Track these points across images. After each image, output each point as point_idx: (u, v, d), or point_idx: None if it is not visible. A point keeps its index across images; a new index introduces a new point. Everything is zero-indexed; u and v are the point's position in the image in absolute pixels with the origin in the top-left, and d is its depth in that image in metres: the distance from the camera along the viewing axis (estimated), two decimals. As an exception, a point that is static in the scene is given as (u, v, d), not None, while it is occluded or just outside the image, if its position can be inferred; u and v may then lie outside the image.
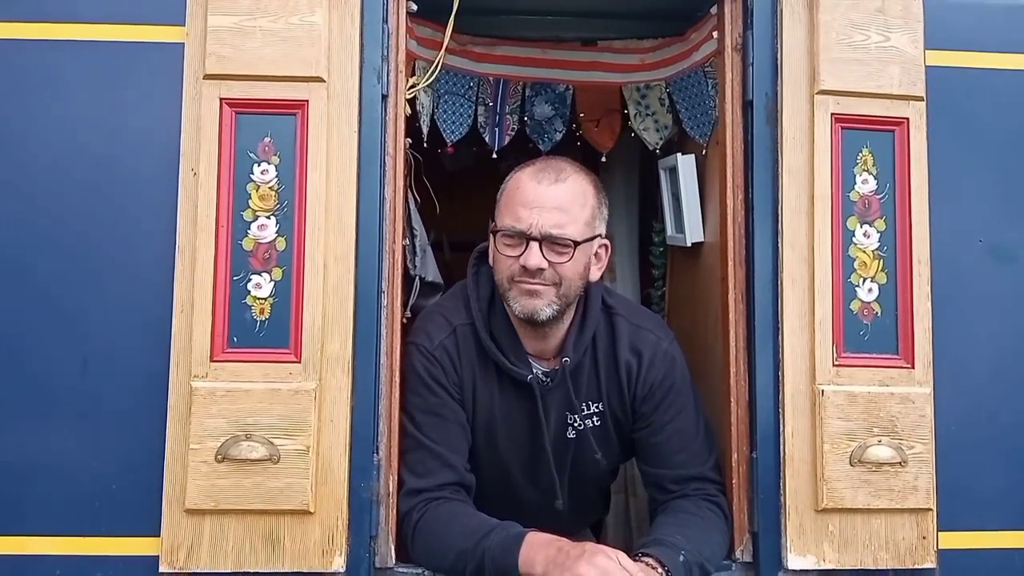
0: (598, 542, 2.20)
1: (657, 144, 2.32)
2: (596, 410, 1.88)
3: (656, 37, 2.29)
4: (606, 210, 1.80)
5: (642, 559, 1.60)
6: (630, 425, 1.89)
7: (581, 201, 1.73)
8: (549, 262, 1.69)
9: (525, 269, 1.69)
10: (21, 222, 1.72)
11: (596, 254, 1.79)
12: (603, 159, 2.32)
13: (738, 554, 1.78)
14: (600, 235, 1.78)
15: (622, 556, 1.53)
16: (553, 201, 1.69)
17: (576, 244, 1.69)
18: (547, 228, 1.68)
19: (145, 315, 1.69)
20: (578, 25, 2.34)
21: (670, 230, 2.34)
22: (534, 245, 1.68)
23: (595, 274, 1.80)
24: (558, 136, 2.38)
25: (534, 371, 1.82)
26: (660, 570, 1.59)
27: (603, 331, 1.86)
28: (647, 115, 2.31)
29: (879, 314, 1.76)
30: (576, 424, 1.87)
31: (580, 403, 1.86)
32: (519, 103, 2.36)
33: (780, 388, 1.75)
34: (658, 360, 1.85)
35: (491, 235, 1.78)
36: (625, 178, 2.76)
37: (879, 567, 1.73)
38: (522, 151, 2.53)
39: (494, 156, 2.34)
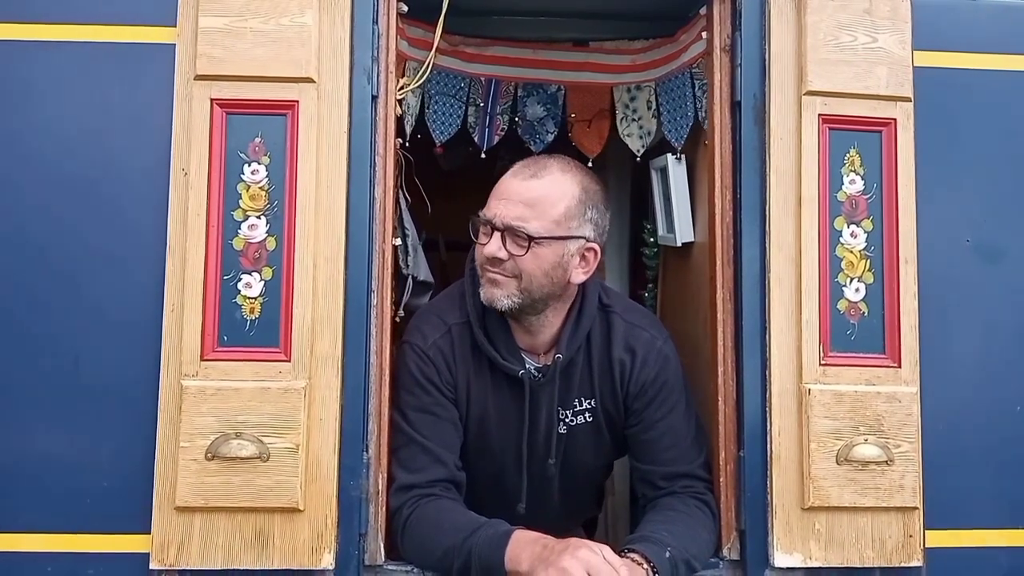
0: (592, 540, 2.21)
1: (639, 151, 2.33)
2: (588, 406, 1.90)
3: (647, 38, 2.30)
4: (595, 214, 1.78)
5: (628, 555, 1.61)
6: (622, 422, 1.91)
7: (555, 199, 1.73)
8: (510, 254, 1.71)
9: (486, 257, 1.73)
10: (12, 222, 1.73)
11: (584, 257, 1.78)
12: (589, 164, 2.32)
13: (725, 552, 1.78)
14: (583, 237, 1.76)
15: (606, 550, 1.54)
16: (520, 195, 1.72)
17: (531, 239, 1.70)
18: (508, 219, 1.71)
19: (136, 314, 1.70)
20: (570, 26, 2.35)
21: (661, 230, 2.35)
22: (496, 235, 1.72)
23: (577, 277, 1.79)
24: (550, 137, 2.39)
25: (526, 366, 1.84)
26: (646, 566, 1.59)
27: (598, 329, 1.88)
28: (632, 120, 2.32)
29: (866, 314, 1.77)
30: (567, 420, 1.89)
31: (572, 399, 1.88)
32: (510, 103, 2.37)
33: (767, 387, 1.76)
34: (652, 358, 1.87)
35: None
36: (617, 178, 2.77)
37: (865, 565, 1.73)
38: (518, 151, 2.54)
39: (483, 156, 2.35)
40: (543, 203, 1.72)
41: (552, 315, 1.83)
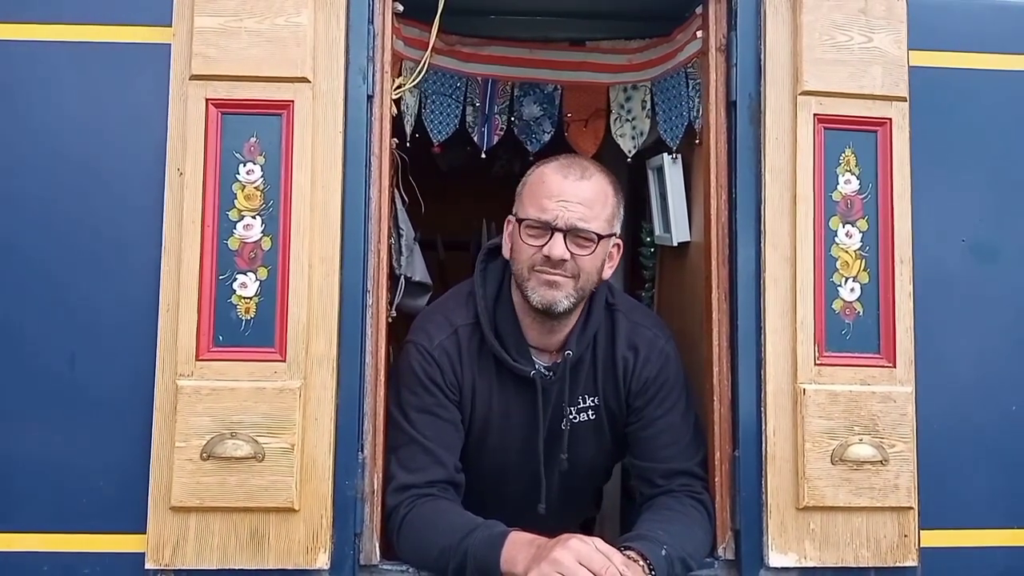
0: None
1: (631, 151, 2.33)
2: (592, 404, 1.91)
3: (644, 38, 2.30)
4: (622, 210, 1.85)
5: (625, 553, 1.61)
6: (624, 419, 1.92)
7: (603, 199, 1.78)
8: (572, 253, 1.73)
9: (547, 259, 1.72)
10: (8, 221, 1.73)
11: (609, 253, 1.83)
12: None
13: (720, 551, 1.78)
14: (616, 234, 1.82)
15: (598, 541, 1.54)
16: (578, 196, 1.74)
17: (599, 238, 1.74)
18: (573, 220, 1.72)
19: (132, 313, 1.70)
20: (567, 25, 2.35)
21: (658, 230, 2.35)
22: (558, 236, 1.72)
23: (607, 272, 1.84)
24: (546, 137, 2.39)
25: (536, 366, 1.85)
26: (642, 563, 1.59)
27: (603, 327, 1.90)
28: (626, 120, 2.32)
29: (861, 313, 1.77)
30: (571, 416, 1.90)
31: (577, 396, 1.89)
32: (507, 103, 2.37)
33: (762, 387, 1.76)
34: (654, 356, 1.89)
35: (509, 225, 1.82)
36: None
37: (860, 565, 1.73)
38: (516, 152, 2.55)
39: (483, 156, 2.35)
40: (597, 203, 1.76)
41: (576, 313, 1.85)
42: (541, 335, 1.86)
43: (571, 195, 1.74)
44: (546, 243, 1.73)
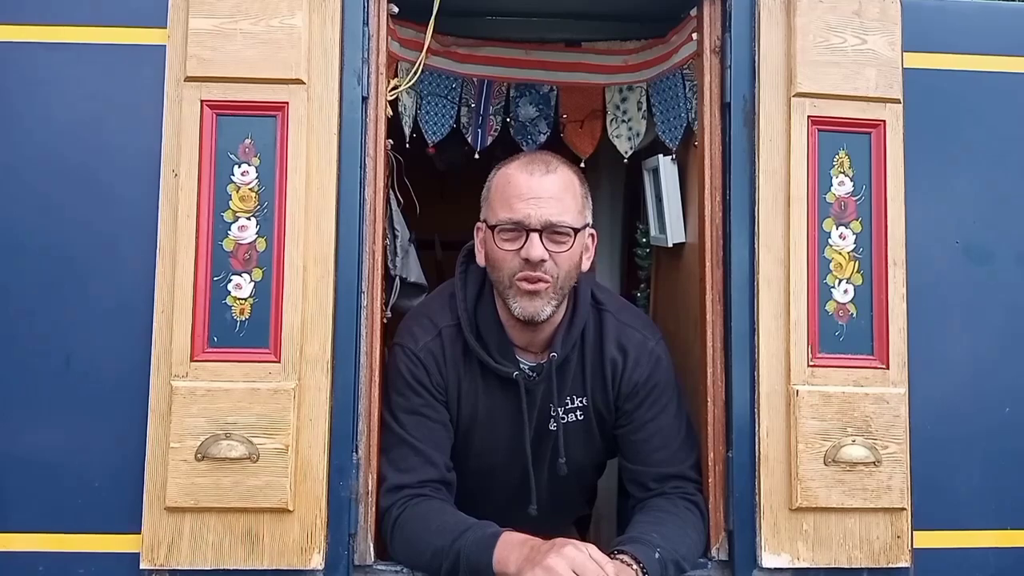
0: (583, 539, 2.22)
1: (627, 152, 2.33)
2: (580, 404, 1.90)
3: (639, 39, 2.30)
4: (590, 201, 1.83)
5: (618, 556, 1.62)
6: (613, 421, 1.92)
7: (572, 191, 1.76)
8: (550, 252, 1.70)
9: (527, 262, 1.70)
10: (2, 222, 1.73)
11: (585, 244, 1.81)
12: (582, 164, 2.32)
13: (714, 552, 1.79)
14: (589, 224, 1.81)
15: (592, 548, 1.54)
16: (548, 192, 1.71)
17: (576, 231, 1.72)
18: (547, 217, 1.70)
19: (127, 314, 1.71)
20: (562, 26, 2.35)
21: (653, 231, 2.35)
22: (534, 236, 1.70)
23: (585, 264, 1.82)
24: (542, 138, 2.39)
25: (520, 367, 1.84)
26: (635, 566, 1.60)
27: (591, 326, 1.89)
28: (622, 121, 2.33)
29: (854, 315, 1.78)
30: (559, 417, 1.89)
31: (564, 396, 1.88)
32: (503, 104, 2.37)
33: (756, 388, 1.76)
34: (644, 359, 1.87)
35: (479, 232, 1.81)
36: (610, 178, 2.77)
37: (853, 566, 1.74)
38: (514, 150, 2.54)
39: (476, 156, 2.35)
40: (566, 196, 1.74)
41: (560, 311, 1.83)
42: (525, 335, 1.84)
43: (540, 191, 1.71)
44: (523, 246, 1.70)
